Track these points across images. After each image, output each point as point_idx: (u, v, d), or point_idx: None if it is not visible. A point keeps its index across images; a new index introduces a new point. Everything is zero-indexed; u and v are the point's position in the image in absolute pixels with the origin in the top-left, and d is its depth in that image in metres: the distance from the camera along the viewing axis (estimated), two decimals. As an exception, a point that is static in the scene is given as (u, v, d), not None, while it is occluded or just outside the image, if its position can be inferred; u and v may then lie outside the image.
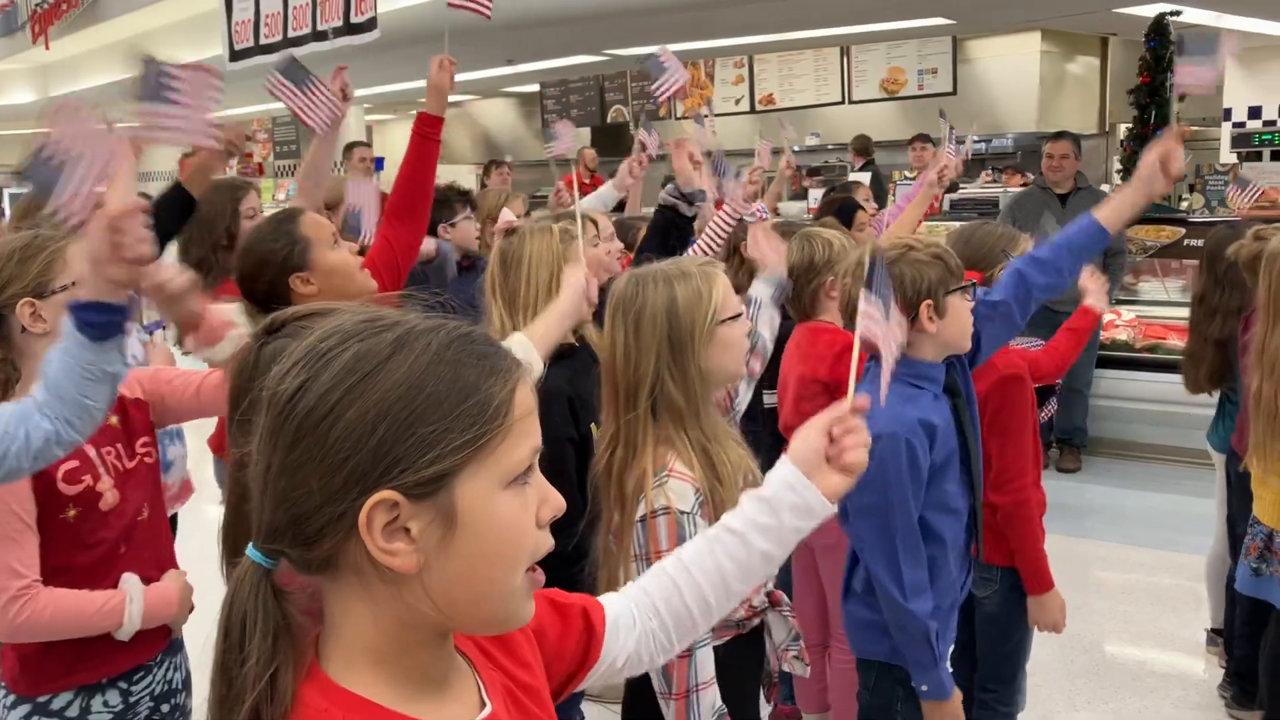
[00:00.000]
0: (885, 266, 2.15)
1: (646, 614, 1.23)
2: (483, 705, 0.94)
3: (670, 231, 3.05)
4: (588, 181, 10.07)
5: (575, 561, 1.91)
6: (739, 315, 1.96)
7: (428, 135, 2.83)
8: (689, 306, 1.89)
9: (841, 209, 4.22)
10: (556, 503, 0.92)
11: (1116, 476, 5.87)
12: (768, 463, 3.61)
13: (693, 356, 1.88)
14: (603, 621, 1.18)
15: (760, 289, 2.58)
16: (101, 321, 1.53)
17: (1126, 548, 4.98)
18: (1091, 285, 3.18)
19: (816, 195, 7.91)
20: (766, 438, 3.14)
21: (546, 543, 0.91)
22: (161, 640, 2.08)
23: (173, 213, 2.91)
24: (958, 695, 2.19)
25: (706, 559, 1.25)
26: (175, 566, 2.14)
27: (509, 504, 0.87)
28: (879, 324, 1.36)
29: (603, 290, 2.65)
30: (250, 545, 0.88)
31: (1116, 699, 3.58)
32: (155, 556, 2.08)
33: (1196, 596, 3.94)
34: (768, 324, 2.56)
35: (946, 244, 2.63)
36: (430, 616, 0.87)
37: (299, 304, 2.35)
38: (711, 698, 1.85)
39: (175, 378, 2.13)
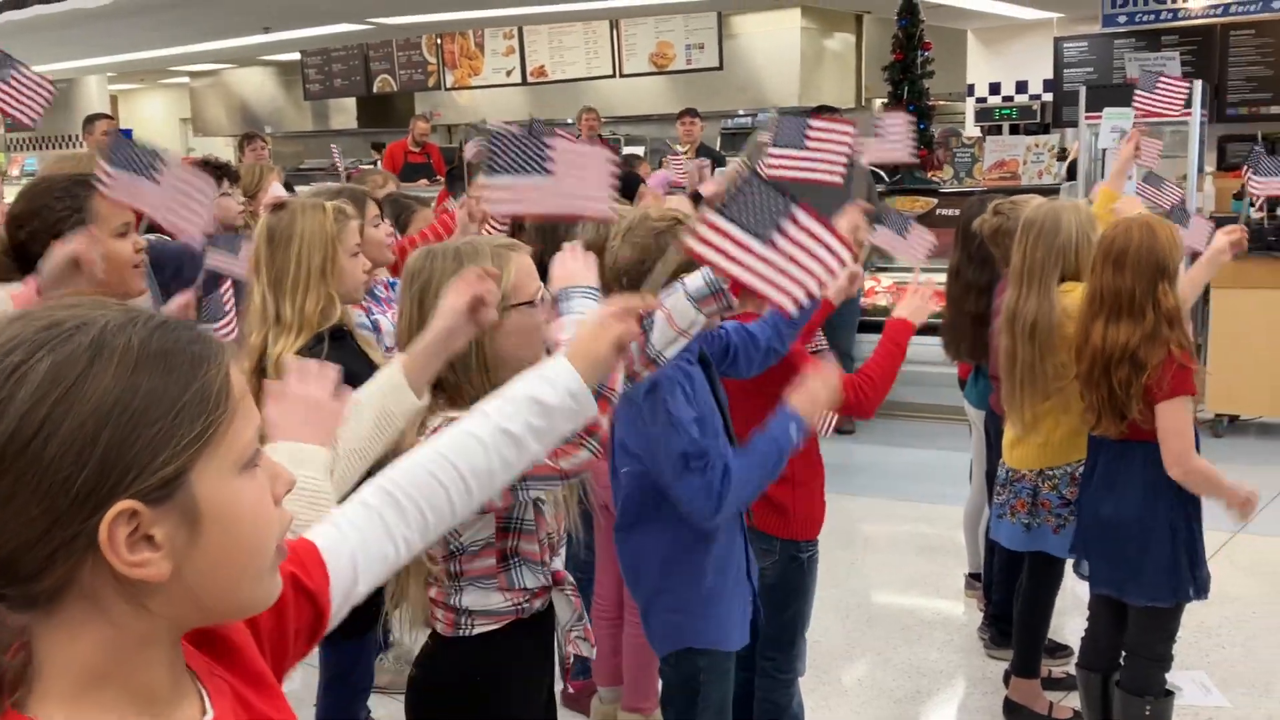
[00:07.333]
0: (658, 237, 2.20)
1: (382, 509, 1.16)
2: (204, 713, 0.90)
3: None
4: (417, 150, 9.53)
5: None
6: (533, 302, 1.85)
7: None
8: None
9: (625, 183, 4.19)
10: (287, 477, 0.92)
11: (880, 435, 6.19)
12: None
13: (477, 340, 1.81)
14: (321, 570, 1.09)
15: (691, 282, 2.02)
16: None
17: (892, 502, 5.28)
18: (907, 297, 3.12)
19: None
20: None
21: (286, 518, 0.91)
22: None
23: None
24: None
25: (479, 459, 1.22)
26: None
27: (247, 488, 0.86)
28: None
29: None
30: None
31: (888, 648, 3.78)
32: None
33: (956, 545, 4.21)
34: (670, 324, 1.98)
35: None
36: (182, 619, 0.85)
37: None
38: None
39: None
